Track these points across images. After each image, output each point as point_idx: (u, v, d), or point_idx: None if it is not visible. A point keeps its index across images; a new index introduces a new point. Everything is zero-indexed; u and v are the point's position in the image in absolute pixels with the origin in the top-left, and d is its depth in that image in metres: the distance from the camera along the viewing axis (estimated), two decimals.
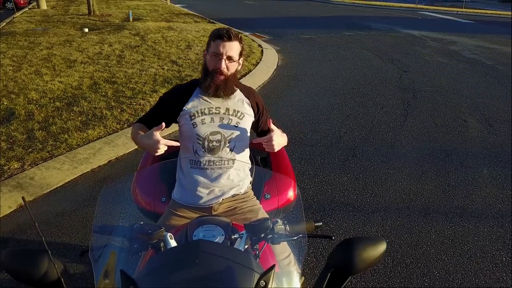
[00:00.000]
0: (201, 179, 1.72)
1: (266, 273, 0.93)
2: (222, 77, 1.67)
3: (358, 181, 3.55)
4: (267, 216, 1.74)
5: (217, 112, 1.71)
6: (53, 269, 0.97)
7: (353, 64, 8.09)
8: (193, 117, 1.70)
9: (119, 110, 4.91)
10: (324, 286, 0.99)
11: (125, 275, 0.94)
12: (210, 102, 1.72)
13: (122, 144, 4.10)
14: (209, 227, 1.37)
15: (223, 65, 1.65)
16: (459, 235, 2.82)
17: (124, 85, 5.96)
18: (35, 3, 18.04)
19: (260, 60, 8.11)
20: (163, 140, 1.53)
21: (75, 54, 7.93)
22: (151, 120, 1.75)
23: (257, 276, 0.97)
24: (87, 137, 4.15)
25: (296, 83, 6.64)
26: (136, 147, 4.12)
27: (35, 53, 8.01)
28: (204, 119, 1.70)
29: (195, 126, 1.69)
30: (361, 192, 3.36)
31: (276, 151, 1.67)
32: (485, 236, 2.81)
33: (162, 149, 1.55)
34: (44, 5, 17.40)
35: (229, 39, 1.64)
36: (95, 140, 4.11)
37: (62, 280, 0.97)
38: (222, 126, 1.71)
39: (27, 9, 17.51)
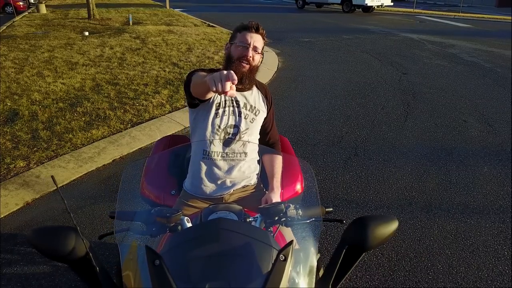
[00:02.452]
0: (213, 170, 1.75)
1: (285, 248, 0.98)
2: (247, 66, 1.68)
3: (361, 179, 3.59)
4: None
5: (237, 105, 1.75)
6: (80, 246, 1.00)
7: (353, 67, 8.16)
8: (218, 107, 1.72)
9: (122, 111, 4.94)
10: (339, 262, 1.03)
11: (151, 250, 0.97)
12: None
13: (126, 144, 4.14)
14: (223, 213, 1.40)
15: (250, 53, 1.66)
16: (462, 230, 2.86)
17: (126, 86, 6.00)
18: (34, 7, 18.12)
19: (260, 62, 8.15)
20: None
21: (77, 57, 7.98)
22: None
23: (275, 252, 1.01)
24: (91, 137, 4.18)
25: (297, 85, 6.70)
26: (140, 146, 4.16)
27: (37, 55, 8.05)
28: (225, 110, 1.73)
29: (217, 116, 1.72)
30: (364, 190, 3.40)
31: None
32: (487, 231, 2.85)
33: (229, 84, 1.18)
34: (43, 10, 17.47)
35: (257, 31, 1.69)
36: (99, 140, 4.14)
37: (90, 256, 1.00)
38: (239, 120, 1.75)
39: (27, 13, 17.59)
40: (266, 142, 1.95)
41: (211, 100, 1.71)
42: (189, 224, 1.28)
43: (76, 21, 14.12)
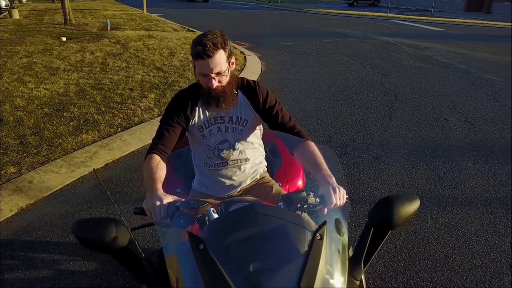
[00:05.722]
0: (217, 177, 1.80)
1: (320, 228, 1.04)
2: (218, 91, 1.60)
3: (353, 176, 3.68)
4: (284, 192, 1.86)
5: (222, 121, 1.71)
6: (122, 236, 1.02)
7: (335, 69, 8.33)
8: (201, 130, 1.71)
9: (110, 115, 4.90)
10: (368, 240, 1.09)
11: (194, 235, 1.01)
12: (214, 112, 1.70)
13: (118, 148, 4.11)
14: (241, 205, 1.45)
15: (215, 84, 1.56)
16: (454, 221, 2.98)
17: (112, 91, 5.95)
18: (6, 12, 17.65)
19: (244, 66, 8.23)
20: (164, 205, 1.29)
21: (57, 62, 7.84)
22: (166, 144, 1.64)
23: (309, 233, 1.07)
24: (82, 141, 4.13)
25: (282, 88, 6.79)
26: (132, 149, 4.14)
27: (15, 61, 7.86)
28: (212, 130, 1.71)
29: (204, 137, 1.72)
30: (357, 186, 3.49)
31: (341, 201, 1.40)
32: (477, 221, 2.98)
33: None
34: (16, 15, 17.05)
35: (210, 56, 1.49)
36: (90, 144, 4.10)
37: (135, 245, 1.03)
38: (228, 135, 1.73)
39: None
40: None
41: (192, 124, 1.69)
42: (215, 215, 1.31)
43: (52, 27, 13.84)
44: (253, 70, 7.94)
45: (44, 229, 2.81)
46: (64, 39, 10.90)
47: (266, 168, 1.98)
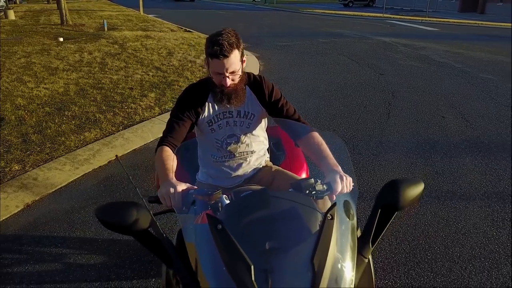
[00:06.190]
0: (223, 169, 1.86)
1: (331, 209, 1.12)
2: (231, 88, 1.66)
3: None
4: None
5: (230, 116, 1.78)
6: (143, 218, 1.07)
7: (332, 69, 8.41)
8: (210, 124, 1.77)
9: (111, 114, 4.94)
10: (376, 221, 1.15)
11: (212, 217, 1.07)
12: (223, 107, 1.75)
13: (120, 145, 4.15)
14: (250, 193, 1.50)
15: (229, 82, 1.62)
16: (452, 215, 3.05)
17: (112, 90, 5.98)
18: (2, 13, 17.60)
19: (244, 66, 8.27)
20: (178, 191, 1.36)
21: (55, 62, 7.86)
22: (176, 137, 1.71)
23: (320, 215, 1.13)
24: (84, 139, 4.16)
25: (280, 87, 6.75)
26: (134, 147, 4.19)
27: (13, 61, 7.88)
28: (220, 124, 1.78)
29: (213, 131, 1.78)
30: (358, 182, 3.53)
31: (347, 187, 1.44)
32: (475, 215, 3.05)
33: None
34: (12, 16, 17.02)
35: (227, 56, 1.54)
36: (93, 142, 4.14)
37: (151, 228, 1.08)
38: (235, 129, 1.79)
39: None
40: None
41: (201, 119, 1.75)
42: (227, 201, 1.37)
43: (48, 27, 13.84)
44: (251, 70, 7.99)
45: (51, 224, 2.85)
46: (61, 39, 10.91)
47: (268, 159, 2.04)
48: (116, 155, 1.22)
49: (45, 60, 8.02)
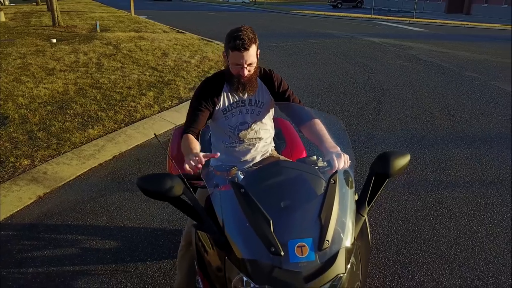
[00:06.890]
0: (233, 154, 2.07)
1: (333, 175, 1.34)
2: (247, 78, 1.85)
3: None
4: None
5: (243, 104, 1.99)
6: (177, 187, 1.27)
7: (323, 68, 8.65)
8: (225, 112, 1.98)
9: (112, 112, 5.10)
10: (370, 187, 1.38)
11: (236, 183, 1.28)
12: (237, 96, 1.96)
13: (123, 141, 4.32)
14: None
15: (246, 73, 1.81)
16: (439, 200, 3.29)
17: (110, 89, 6.13)
18: None
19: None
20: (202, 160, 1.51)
21: (52, 63, 7.97)
22: (197, 126, 1.89)
23: (323, 181, 1.35)
24: (89, 136, 4.32)
25: None
26: (137, 143, 4.36)
27: (9, 62, 7.96)
28: (234, 112, 1.99)
29: (227, 118, 1.99)
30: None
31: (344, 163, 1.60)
32: (460, 200, 3.30)
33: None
34: (2, 17, 16.94)
35: (247, 49, 1.73)
36: (97, 138, 4.30)
37: (184, 195, 1.29)
38: (247, 116, 2.01)
39: None
40: None
41: (217, 108, 1.95)
42: (242, 176, 1.57)
43: (40, 29, 13.87)
44: None
45: (64, 214, 3.02)
46: (54, 41, 10.98)
47: (274, 148, 2.25)
48: (155, 134, 1.42)
49: (41, 61, 8.12)
